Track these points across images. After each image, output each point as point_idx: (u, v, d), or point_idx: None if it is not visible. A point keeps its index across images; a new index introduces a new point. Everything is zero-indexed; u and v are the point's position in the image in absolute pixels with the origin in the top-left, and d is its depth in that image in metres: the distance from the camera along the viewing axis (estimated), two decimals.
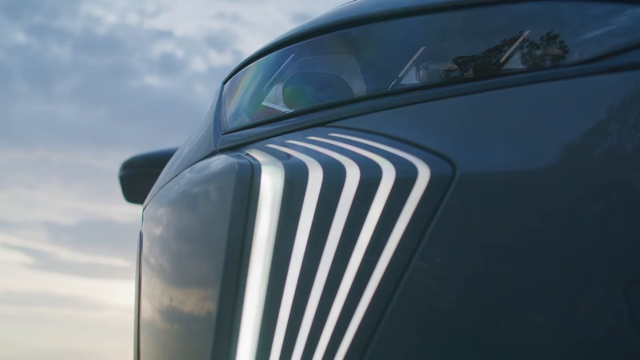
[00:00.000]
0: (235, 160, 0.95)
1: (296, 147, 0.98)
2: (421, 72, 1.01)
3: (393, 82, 1.02)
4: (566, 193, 0.81)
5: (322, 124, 1.01)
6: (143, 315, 1.23)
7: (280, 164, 0.91)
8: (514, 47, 0.95)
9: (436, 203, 0.82)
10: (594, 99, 0.85)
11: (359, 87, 1.07)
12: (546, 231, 0.80)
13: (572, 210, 0.80)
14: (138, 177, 2.08)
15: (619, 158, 0.81)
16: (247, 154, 1.01)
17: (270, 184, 0.90)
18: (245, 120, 1.17)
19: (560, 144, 0.83)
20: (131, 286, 1.40)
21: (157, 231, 1.25)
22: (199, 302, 0.96)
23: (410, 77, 1.02)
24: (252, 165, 0.92)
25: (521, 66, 0.94)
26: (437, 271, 0.82)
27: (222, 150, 1.12)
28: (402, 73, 1.02)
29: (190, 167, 1.18)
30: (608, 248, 0.78)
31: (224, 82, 1.38)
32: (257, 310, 0.87)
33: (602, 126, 0.83)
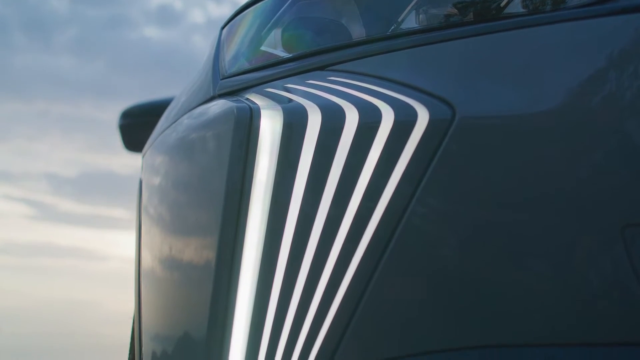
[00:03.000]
0: (234, 104, 0.94)
1: (295, 91, 0.97)
2: (421, 15, 1.00)
3: (393, 26, 1.01)
4: (565, 137, 0.80)
5: (322, 68, 1.00)
6: (143, 264, 1.24)
7: (279, 107, 0.91)
8: None
9: (435, 146, 0.82)
10: (595, 42, 0.84)
11: (358, 31, 1.06)
12: (545, 175, 0.80)
13: (572, 154, 0.80)
14: (138, 126, 2.07)
15: (619, 102, 0.81)
16: (246, 98, 1.00)
17: (269, 128, 0.89)
18: (244, 65, 1.16)
19: (561, 87, 0.83)
20: (133, 237, 1.41)
21: (156, 179, 1.25)
22: (198, 250, 0.96)
23: (410, 21, 1.01)
24: (251, 109, 0.91)
25: (522, 9, 0.93)
26: (435, 215, 0.82)
27: (220, 95, 1.11)
28: (402, 16, 1.01)
29: (189, 113, 1.18)
30: (607, 191, 0.78)
31: (222, 28, 1.37)
32: (256, 256, 0.87)
33: (603, 70, 0.83)
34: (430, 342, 0.80)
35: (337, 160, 0.85)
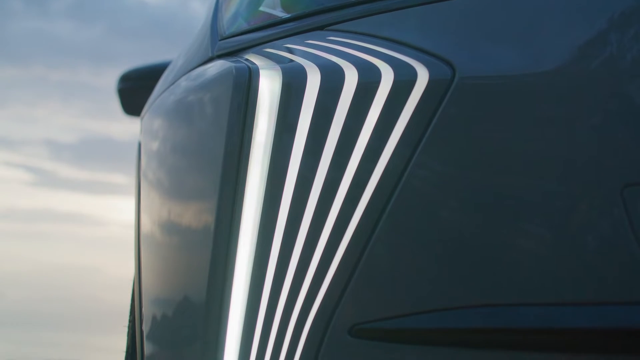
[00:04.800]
0: (232, 64, 0.94)
1: (295, 51, 0.97)
2: None
3: None
4: (566, 97, 0.80)
5: (321, 28, 0.99)
6: (143, 226, 1.24)
7: (278, 67, 0.90)
8: None
9: (435, 106, 0.82)
10: (597, 2, 0.84)
11: None
12: (545, 136, 0.80)
13: (573, 115, 0.80)
14: (137, 90, 2.06)
15: (620, 62, 0.80)
16: (245, 59, 1.00)
17: (268, 88, 0.89)
18: (243, 25, 1.15)
19: (562, 47, 0.82)
20: (132, 202, 1.41)
21: (155, 142, 1.25)
22: (197, 212, 0.96)
23: None
24: (249, 69, 0.90)
25: None
26: (434, 176, 0.82)
27: (219, 56, 1.11)
28: None
29: (186, 75, 1.17)
30: (607, 151, 0.78)
31: None
32: (255, 217, 0.87)
33: (605, 30, 0.82)
34: (428, 301, 0.80)
35: (336, 120, 0.85)
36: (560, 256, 0.77)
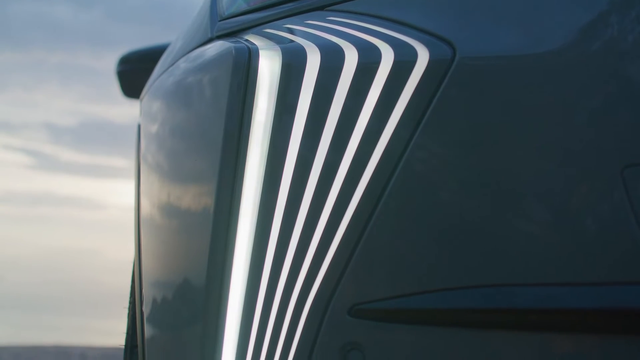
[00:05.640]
0: (232, 44, 0.93)
1: (294, 32, 0.96)
2: None
3: None
4: (567, 78, 0.80)
5: (321, 8, 0.99)
6: (143, 208, 1.24)
7: (277, 48, 0.90)
8: None
9: (435, 87, 0.82)
10: None
11: None
12: (545, 117, 0.79)
13: (573, 95, 0.79)
14: (136, 72, 2.06)
15: (621, 43, 0.80)
16: (245, 39, 0.99)
17: (268, 68, 0.88)
18: (243, 6, 1.15)
19: (563, 27, 0.82)
20: (132, 185, 1.40)
21: (154, 124, 1.25)
22: (197, 195, 0.96)
23: None
24: (249, 49, 0.90)
25: None
26: (434, 157, 0.82)
27: (219, 37, 1.10)
28: None
29: (186, 56, 1.17)
30: (608, 132, 0.78)
31: None
32: (254, 199, 0.87)
33: (605, 11, 0.82)
34: (427, 281, 0.80)
35: (336, 100, 0.85)
36: (560, 237, 0.77)
